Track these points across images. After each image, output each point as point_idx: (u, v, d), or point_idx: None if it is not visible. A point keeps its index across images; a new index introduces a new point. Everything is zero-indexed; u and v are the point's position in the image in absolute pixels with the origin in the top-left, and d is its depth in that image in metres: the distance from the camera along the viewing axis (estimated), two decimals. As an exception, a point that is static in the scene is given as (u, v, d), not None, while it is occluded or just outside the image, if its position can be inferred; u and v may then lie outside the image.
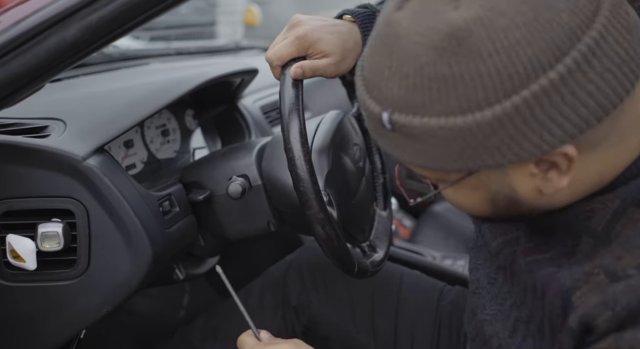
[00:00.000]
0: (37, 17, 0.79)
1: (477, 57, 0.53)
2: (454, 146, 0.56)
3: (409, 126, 0.57)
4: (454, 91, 0.54)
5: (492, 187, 0.62)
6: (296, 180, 0.84)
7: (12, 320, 0.98)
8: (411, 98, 0.56)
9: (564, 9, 0.53)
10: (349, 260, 0.91)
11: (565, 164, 0.57)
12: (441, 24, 0.54)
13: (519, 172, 0.59)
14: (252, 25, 3.43)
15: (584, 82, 0.53)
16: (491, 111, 0.54)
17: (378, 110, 0.59)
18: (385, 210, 1.17)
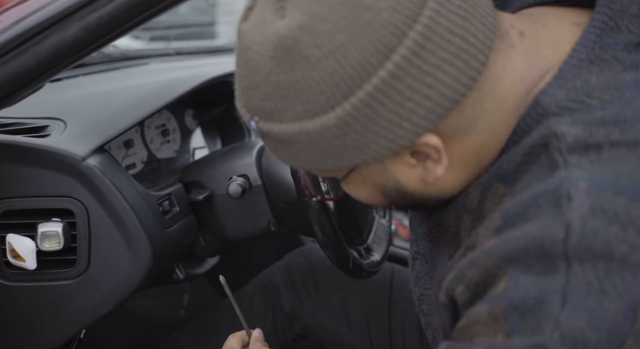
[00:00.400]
0: (37, 17, 0.79)
1: (308, 64, 0.54)
2: (317, 148, 0.58)
3: (272, 133, 0.59)
4: (297, 97, 0.55)
5: (377, 180, 0.63)
6: (297, 180, 0.84)
7: (12, 320, 0.98)
8: (267, 106, 0.57)
9: (383, 7, 0.52)
10: (344, 254, 0.91)
11: (434, 153, 0.58)
12: (271, 34, 0.55)
13: (398, 165, 0.60)
14: (252, 26, 3.43)
15: (419, 75, 0.53)
16: (334, 114, 0.55)
17: (248, 118, 0.61)
18: (385, 217, 1.17)
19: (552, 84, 0.59)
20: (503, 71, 0.59)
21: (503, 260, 0.53)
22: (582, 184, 0.52)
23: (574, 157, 0.54)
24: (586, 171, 0.53)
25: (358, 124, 0.55)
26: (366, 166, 0.60)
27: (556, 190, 0.53)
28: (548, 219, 0.52)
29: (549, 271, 0.50)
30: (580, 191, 0.52)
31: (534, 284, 0.51)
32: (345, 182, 0.65)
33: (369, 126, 0.55)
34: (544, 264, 0.51)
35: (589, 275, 0.49)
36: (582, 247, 0.50)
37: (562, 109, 0.57)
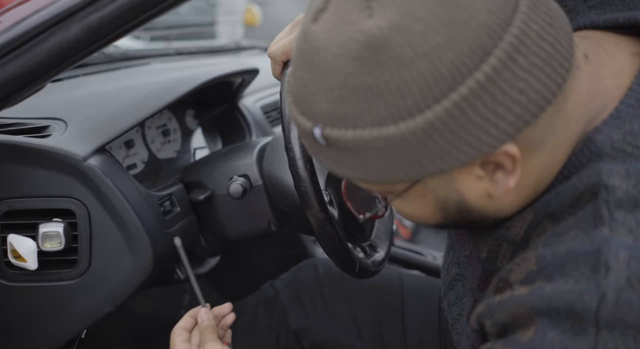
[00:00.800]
0: (38, 17, 0.79)
1: (399, 64, 0.51)
2: (391, 156, 0.55)
3: (342, 139, 0.55)
4: (381, 100, 0.52)
5: (440, 194, 0.60)
6: (297, 180, 0.84)
7: (13, 320, 0.98)
8: (340, 111, 0.54)
9: (480, 9, 0.52)
10: (350, 260, 0.91)
11: (510, 163, 0.56)
12: (357, 33, 0.52)
13: (465, 177, 0.58)
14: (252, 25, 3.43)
15: (512, 80, 0.52)
16: (423, 117, 0.52)
17: (309, 126, 0.57)
18: (387, 210, 1.17)
19: (609, 122, 0.59)
20: (571, 91, 0.58)
21: (533, 312, 0.54)
22: (622, 254, 0.52)
23: (620, 213, 0.54)
24: (630, 232, 0.53)
25: (446, 129, 0.53)
26: (432, 178, 0.58)
27: (596, 253, 0.53)
28: (583, 284, 0.53)
29: (578, 333, 0.52)
30: (619, 261, 0.52)
31: (560, 342, 0.52)
32: (402, 198, 0.62)
33: (457, 131, 0.53)
34: (573, 325, 0.52)
35: (617, 343, 0.51)
36: (613, 317, 0.51)
37: (617, 151, 0.57)
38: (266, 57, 0.89)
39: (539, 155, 0.59)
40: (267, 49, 0.87)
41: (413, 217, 0.67)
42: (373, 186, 0.62)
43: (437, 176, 0.56)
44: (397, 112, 0.52)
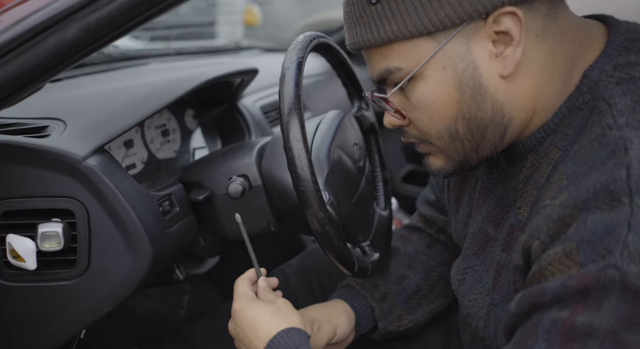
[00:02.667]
0: (37, 17, 0.79)
1: None
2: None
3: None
4: None
5: (458, 66, 0.70)
6: (296, 180, 0.84)
7: (12, 320, 0.98)
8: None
9: None
10: (349, 260, 0.91)
11: (517, 30, 0.68)
12: None
13: (480, 48, 0.69)
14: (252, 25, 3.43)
15: None
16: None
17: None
18: (385, 210, 1.17)
19: (599, 60, 0.71)
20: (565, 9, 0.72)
21: (576, 209, 0.59)
22: (635, 140, 0.60)
23: (622, 118, 0.63)
24: (635, 128, 0.62)
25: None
26: (452, 45, 0.69)
27: (614, 147, 0.61)
28: (609, 167, 0.59)
29: (614, 207, 0.57)
30: (634, 143, 0.60)
31: (601, 220, 0.57)
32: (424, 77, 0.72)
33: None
34: (608, 202, 0.57)
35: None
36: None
37: (611, 77, 0.69)
38: (266, 57, 0.89)
39: (540, 50, 0.71)
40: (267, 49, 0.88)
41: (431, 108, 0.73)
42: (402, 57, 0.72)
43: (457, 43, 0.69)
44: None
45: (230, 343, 1.18)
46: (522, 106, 0.73)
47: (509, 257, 0.77)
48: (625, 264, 0.54)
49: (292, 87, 0.85)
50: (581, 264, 0.57)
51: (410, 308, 1.07)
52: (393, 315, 1.06)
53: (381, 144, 1.20)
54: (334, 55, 1.08)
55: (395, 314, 1.06)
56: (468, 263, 0.89)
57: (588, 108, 0.69)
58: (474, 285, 0.87)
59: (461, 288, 0.90)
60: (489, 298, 0.81)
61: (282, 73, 0.87)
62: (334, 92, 1.87)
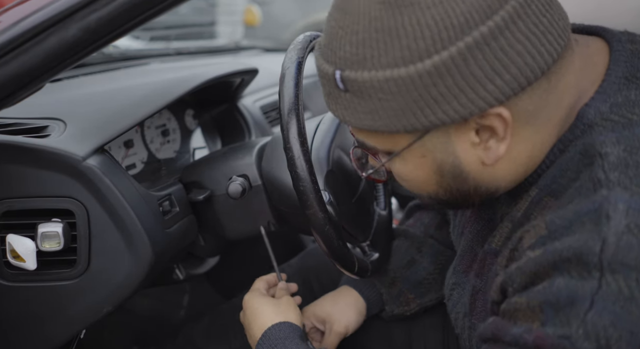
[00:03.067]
0: (37, 17, 0.79)
1: (417, 9, 0.59)
2: (399, 100, 0.61)
3: (359, 81, 0.62)
4: (397, 42, 0.60)
5: (438, 156, 0.67)
6: (296, 179, 0.84)
7: (12, 320, 0.98)
8: (361, 53, 0.62)
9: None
10: (348, 259, 0.91)
11: (502, 128, 0.63)
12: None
13: (461, 140, 0.65)
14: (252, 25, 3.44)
15: (511, 40, 0.60)
16: (430, 61, 0.59)
17: (331, 70, 0.65)
18: (385, 210, 1.17)
19: (596, 98, 0.67)
20: (566, 69, 0.66)
21: (548, 268, 0.60)
22: (621, 206, 0.58)
23: (615, 174, 0.60)
24: (626, 189, 0.59)
25: (449, 75, 0.60)
26: (431, 138, 0.65)
27: (598, 210, 0.59)
28: (587, 234, 0.58)
29: (583, 277, 0.57)
30: (618, 211, 0.58)
31: (566, 287, 0.58)
32: (403, 158, 0.68)
33: (458, 80, 0.60)
34: (579, 270, 0.57)
35: (620, 284, 0.55)
36: (615, 260, 0.56)
37: (606, 121, 0.65)
38: (266, 57, 0.90)
39: (532, 129, 0.66)
40: (267, 49, 0.88)
41: (411, 183, 0.72)
42: (377, 141, 0.68)
43: (436, 136, 0.64)
44: (409, 55, 0.60)
45: (230, 342, 1.19)
46: (510, 178, 0.70)
47: (482, 284, 0.79)
48: (579, 341, 0.56)
49: (292, 87, 0.85)
50: (542, 322, 0.59)
51: (420, 293, 1.10)
52: (401, 299, 1.09)
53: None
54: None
55: (404, 298, 1.09)
56: (456, 278, 0.89)
57: (579, 155, 0.65)
58: (457, 303, 0.87)
59: (449, 303, 0.91)
60: (467, 321, 0.82)
61: (282, 73, 0.87)
62: (334, 92, 1.87)
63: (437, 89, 0.60)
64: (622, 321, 0.55)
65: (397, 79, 0.60)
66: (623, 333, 0.55)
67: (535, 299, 0.60)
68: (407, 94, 0.61)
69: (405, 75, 0.60)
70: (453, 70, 0.59)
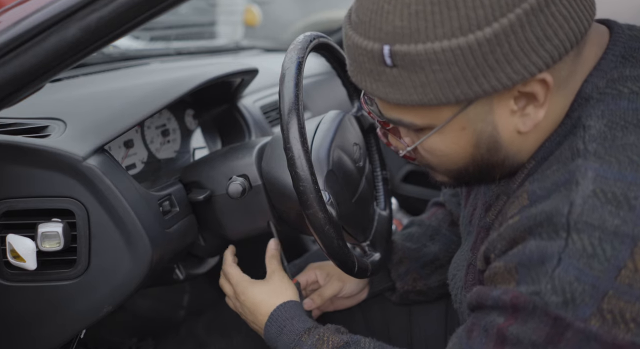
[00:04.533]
0: (37, 17, 0.79)
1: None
2: (454, 70, 0.61)
3: (412, 54, 0.61)
4: (455, 12, 0.59)
5: (478, 126, 0.68)
6: (296, 179, 0.84)
7: (12, 320, 0.98)
8: (414, 25, 0.60)
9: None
10: (349, 260, 0.91)
11: (543, 93, 0.65)
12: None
13: (502, 109, 0.67)
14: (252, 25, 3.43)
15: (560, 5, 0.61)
16: (490, 29, 0.59)
17: (378, 47, 0.63)
18: (385, 210, 1.17)
19: (594, 74, 0.69)
20: (588, 39, 0.68)
21: (524, 232, 0.64)
22: (590, 173, 0.62)
23: (592, 146, 0.64)
24: (599, 158, 0.63)
25: (507, 42, 0.60)
26: (474, 108, 0.66)
27: (570, 178, 0.63)
28: (559, 199, 0.62)
29: (552, 238, 0.61)
30: (587, 178, 0.62)
31: (537, 248, 0.62)
32: (442, 133, 0.69)
33: (515, 46, 0.60)
34: (548, 232, 0.61)
35: (584, 242, 0.59)
36: (580, 220, 0.60)
37: (601, 94, 0.68)
38: (266, 57, 0.90)
39: (562, 95, 0.68)
40: (267, 49, 0.88)
41: (444, 158, 0.73)
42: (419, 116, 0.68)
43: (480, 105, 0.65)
44: (468, 24, 0.59)
45: (232, 336, 1.19)
46: (533, 148, 0.72)
47: (473, 257, 0.83)
48: (548, 294, 0.60)
49: (292, 87, 0.85)
50: (517, 282, 0.63)
51: (425, 274, 1.13)
52: (408, 277, 1.12)
53: (381, 144, 1.21)
54: (334, 55, 1.08)
55: (410, 277, 1.12)
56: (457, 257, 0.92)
57: (570, 127, 0.69)
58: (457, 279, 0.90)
59: (452, 282, 0.93)
60: (462, 295, 0.85)
61: (282, 73, 0.87)
62: (334, 92, 1.87)
63: (494, 56, 0.60)
64: (585, 275, 0.59)
65: (455, 49, 0.60)
66: (586, 287, 0.59)
67: (511, 261, 0.64)
68: (464, 63, 0.61)
69: (465, 44, 0.60)
70: (511, 37, 0.60)
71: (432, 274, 1.13)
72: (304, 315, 0.96)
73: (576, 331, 0.59)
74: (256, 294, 1.00)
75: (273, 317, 0.95)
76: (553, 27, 0.61)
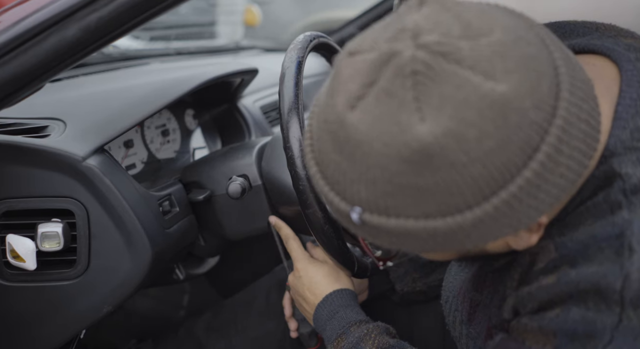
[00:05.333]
0: (37, 17, 0.79)
1: (452, 169, 0.51)
2: (432, 242, 0.55)
3: (383, 225, 0.55)
4: (431, 198, 0.52)
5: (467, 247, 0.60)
6: (295, 179, 0.84)
7: (12, 320, 0.98)
8: (382, 202, 0.54)
9: (529, 107, 0.51)
10: (348, 259, 0.91)
11: (536, 227, 0.59)
12: (409, 138, 0.51)
13: None
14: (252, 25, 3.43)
15: (555, 168, 0.52)
16: (472, 214, 0.52)
17: (345, 207, 0.56)
18: None
19: (615, 126, 0.62)
20: None
21: (564, 297, 0.58)
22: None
23: (637, 198, 0.57)
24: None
25: (492, 221, 0.53)
26: None
27: (619, 237, 0.56)
28: (608, 266, 0.56)
29: (601, 311, 0.55)
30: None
31: (584, 319, 0.56)
32: None
33: (502, 220, 0.53)
34: (597, 303, 0.56)
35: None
36: (638, 295, 0.54)
37: (628, 149, 0.60)
38: (266, 57, 0.90)
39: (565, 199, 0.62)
40: (267, 49, 0.88)
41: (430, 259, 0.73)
42: None
43: None
44: (447, 209, 0.52)
45: (231, 336, 1.19)
46: None
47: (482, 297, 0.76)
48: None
49: (292, 87, 0.85)
50: (555, 347, 0.58)
51: (425, 273, 1.12)
52: (407, 278, 1.12)
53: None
54: (334, 55, 1.08)
55: (410, 277, 1.12)
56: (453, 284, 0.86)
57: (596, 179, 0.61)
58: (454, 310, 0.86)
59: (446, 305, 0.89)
60: (465, 329, 0.80)
61: (282, 73, 0.87)
62: (334, 92, 1.87)
63: (479, 232, 0.54)
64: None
65: (432, 229, 0.53)
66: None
67: (549, 327, 0.59)
68: (443, 239, 0.54)
69: (443, 226, 0.53)
70: (496, 216, 0.53)
71: (432, 274, 1.12)
72: (358, 307, 0.95)
73: None
74: (314, 274, 0.99)
75: (327, 300, 0.95)
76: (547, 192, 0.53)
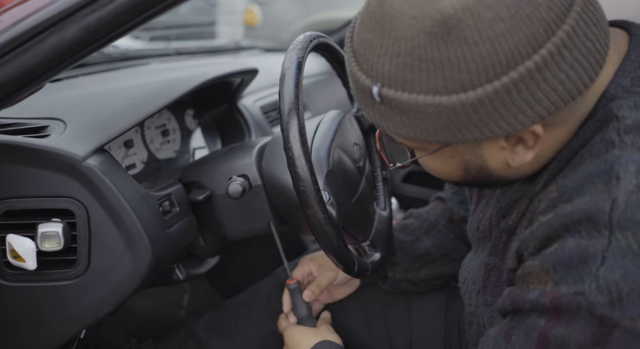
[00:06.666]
0: (37, 17, 0.79)
1: (464, 44, 0.58)
2: (437, 121, 0.62)
3: (397, 100, 0.62)
4: (441, 73, 0.59)
5: (466, 157, 0.69)
6: (296, 179, 0.84)
7: (12, 320, 0.98)
8: (401, 76, 0.61)
9: (542, 4, 0.58)
10: (348, 260, 0.91)
11: (532, 140, 0.65)
12: (433, 10, 0.59)
13: (490, 145, 0.67)
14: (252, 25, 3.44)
15: (556, 70, 0.59)
16: (474, 93, 0.59)
17: (368, 83, 0.64)
18: (385, 210, 1.17)
19: (618, 74, 0.68)
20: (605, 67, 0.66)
21: (560, 230, 0.62)
22: (631, 166, 0.60)
23: (629, 137, 0.62)
24: (638, 149, 0.61)
25: (492, 106, 0.60)
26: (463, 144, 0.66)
27: (609, 171, 0.61)
28: (598, 194, 0.60)
29: (593, 236, 0.59)
30: (629, 172, 0.60)
31: (578, 247, 0.60)
32: (432, 156, 0.70)
33: (499, 109, 0.60)
34: (589, 230, 0.60)
35: (629, 240, 0.58)
36: (624, 217, 0.58)
37: (627, 93, 0.66)
38: (266, 57, 0.90)
39: (558, 131, 0.67)
40: (267, 49, 0.88)
41: (436, 173, 0.75)
42: (408, 142, 0.70)
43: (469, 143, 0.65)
44: (452, 85, 0.60)
45: (232, 336, 1.19)
46: (533, 171, 0.72)
47: (497, 260, 0.81)
48: (592, 294, 0.58)
49: (292, 87, 0.85)
50: (556, 282, 0.61)
51: (416, 267, 1.13)
52: (400, 267, 1.13)
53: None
54: (334, 55, 1.08)
55: (402, 267, 1.13)
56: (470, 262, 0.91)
57: (596, 122, 0.67)
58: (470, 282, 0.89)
59: (463, 285, 0.92)
60: (481, 297, 0.84)
61: (282, 73, 0.87)
62: (334, 92, 1.87)
63: (478, 116, 0.61)
64: (632, 274, 0.57)
65: (438, 105, 0.61)
66: (634, 286, 0.57)
67: (549, 261, 0.62)
68: (447, 117, 0.61)
69: (447, 102, 0.60)
70: (495, 101, 0.60)
71: (422, 268, 1.14)
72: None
73: (624, 331, 0.57)
74: (299, 332, 1.05)
75: None
76: (545, 91, 0.60)
